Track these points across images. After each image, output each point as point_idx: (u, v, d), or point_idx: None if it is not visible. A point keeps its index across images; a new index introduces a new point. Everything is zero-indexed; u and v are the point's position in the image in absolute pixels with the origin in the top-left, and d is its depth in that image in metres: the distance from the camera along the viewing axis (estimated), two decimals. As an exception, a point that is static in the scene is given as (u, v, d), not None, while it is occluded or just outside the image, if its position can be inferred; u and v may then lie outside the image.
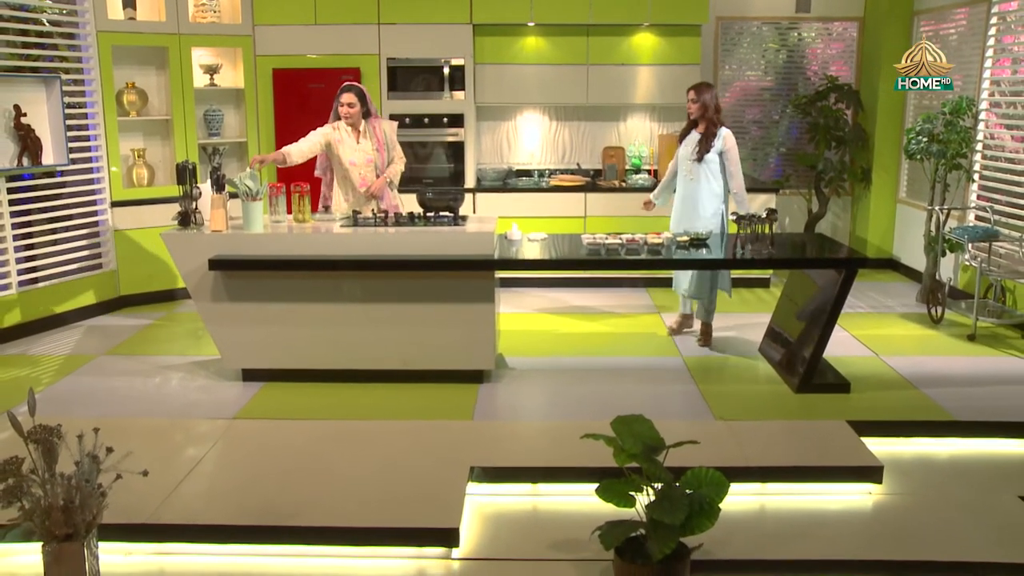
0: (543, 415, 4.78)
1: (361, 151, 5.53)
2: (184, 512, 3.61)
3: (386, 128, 5.66)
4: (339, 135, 5.51)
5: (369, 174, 5.56)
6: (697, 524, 3.18)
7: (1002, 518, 3.71)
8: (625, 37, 7.52)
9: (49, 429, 2.76)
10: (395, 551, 3.49)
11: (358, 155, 5.53)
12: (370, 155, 5.55)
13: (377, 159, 5.57)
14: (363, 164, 5.55)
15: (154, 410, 4.77)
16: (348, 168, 5.52)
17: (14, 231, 6.09)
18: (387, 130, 5.66)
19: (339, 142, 5.50)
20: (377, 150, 5.57)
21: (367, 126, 5.57)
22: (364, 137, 5.55)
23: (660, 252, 5.05)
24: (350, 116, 5.46)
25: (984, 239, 6.03)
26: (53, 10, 6.42)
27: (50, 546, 2.72)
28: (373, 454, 4.16)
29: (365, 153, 5.54)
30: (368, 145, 5.55)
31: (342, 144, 5.50)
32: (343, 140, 5.51)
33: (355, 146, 5.53)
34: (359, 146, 5.53)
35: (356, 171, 5.54)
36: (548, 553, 3.49)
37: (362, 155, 5.54)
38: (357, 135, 5.54)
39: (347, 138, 5.51)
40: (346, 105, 5.44)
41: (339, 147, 5.50)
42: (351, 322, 5.05)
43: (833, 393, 4.90)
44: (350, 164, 5.51)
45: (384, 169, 5.61)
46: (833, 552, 3.50)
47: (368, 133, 5.56)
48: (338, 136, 5.51)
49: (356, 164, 5.53)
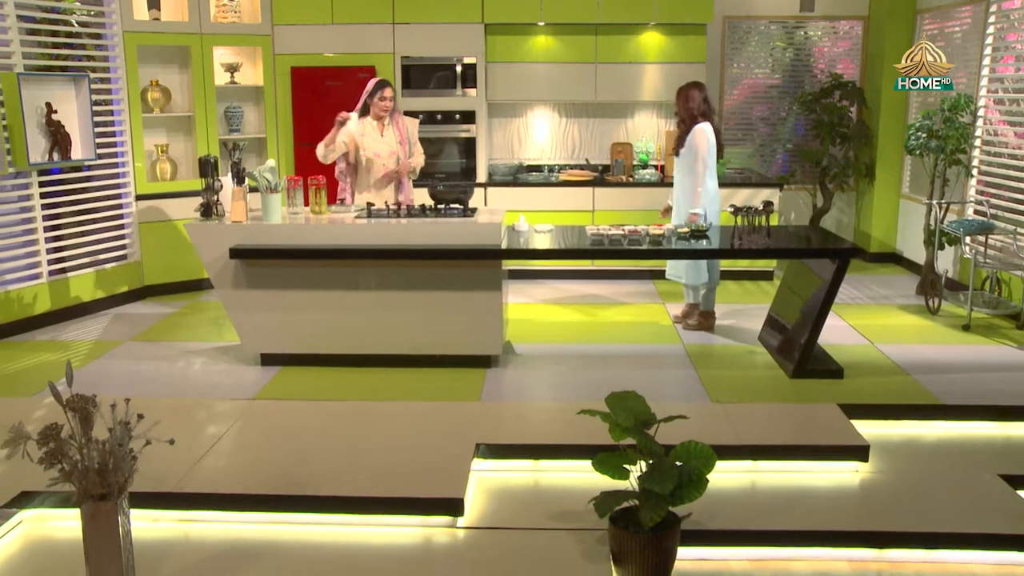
0: (547, 397, 5.00)
1: (385, 143, 5.78)
2: (207, 482, 3.86)
3: (408, 124, 5.91)
4: (362, 128, 5.74)
5: (391, 166, 5.81)
6: (686, 494, 3.38)
7: (980, 494, 3.90)
8: (632, 36, 7.73)
9: (86, 399, 3.00)
10: (403, 519, 3.71)
11: (382, 147, 5.77)
12: (393, 148, 5.79)
13: (400, 152, 5.81)
14: (387, 156, 5.78)
15: (178, 391, 5.02)
16: (372, 159, 5.75)
17: (44, 223, 6.37)
18: (409, 126, 5.91)
19: (362, 135, 5.74)
20: (400, 143, 5.81)
21: (391, 120, 5.81)
22: (388, 130, 5.79)
23: (661, 243, 5.26)
24: (387, 109, 5.71)
25: (980, 232, 6.20)
26: (82, 11, 6.70)
27: (87, 505, 2.96)
28: (384, 431, 4.39)
29: (389, 145, 5.78)
30: (392, 138, 5.79)
31: (365, 137, 5.74)
32: (366, 133, 5.75)
33: (379, 138, 5.77)
34: (383, 139, 5.78)
35: (379, 162, 5.78)
36: (547, 523, 3.71)
37: (386, 147, 5.78)
38: (381, 128, 5.77)
39: (371, 131, 5.75)
40: (389, 99, 5.70)
41: (362, 139, 5.74)
42: (365, 309, 5.29)
43: (827, 379, 5.09)
44: (374, 155, 5.75)
45: (406, 160, 5.86)
46: (819, 524, 3.70)
47: (392, 127, 5.80)
48: (362, 130, 5.74)
49: (380, 155, 5.77)
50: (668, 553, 3.42)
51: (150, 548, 3.47)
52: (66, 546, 3.53)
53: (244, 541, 3.59)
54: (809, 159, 8.34)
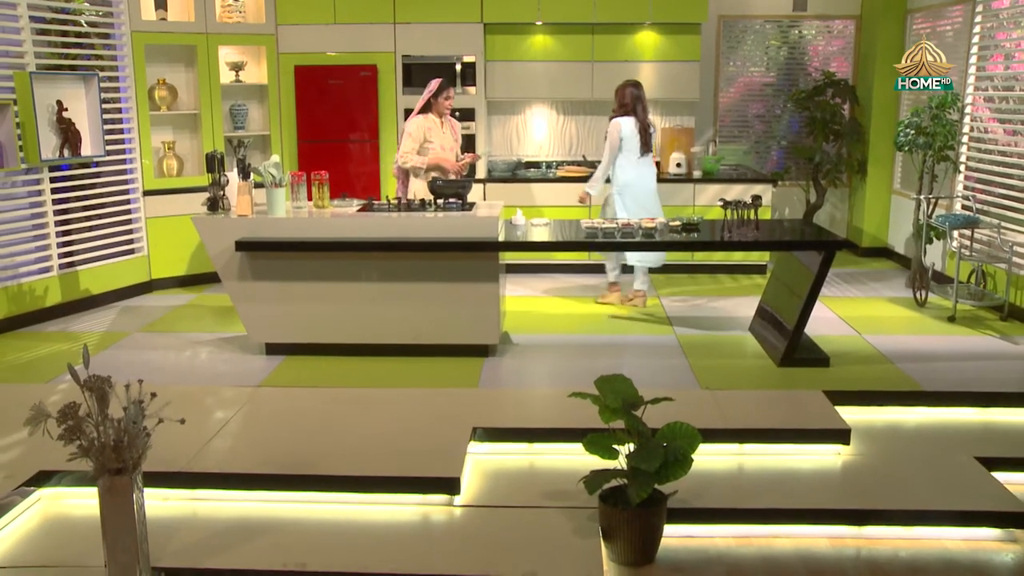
0: (541, 384, 5.17)
1: (447, 138, 6.21)
2: (214, 462, 4.03)
3: (455, 123, 6.37)
4: (429, 124, 6.13)
5: (451, 159, 6.21)
6: (672, 472, 3.55)
7: (955, 475, 4.07)
8: (628, 35, 7.90)
9: (102, 379, 3.17)
10: (402, 498, 3.88)
11: (446, 141, 6.19)
12: (451, 144, 6.24)
13: (456, 148, 6.28)
14: (449, 151, 6.20)
15: (185, 379, 5.19)
16: (440, 152, 6.13)
17: (54, 218, 6.53)
18: (457, 125, 6.39)
19: (430, 130, 6.13)
20: (456, 140, 6.28)
21: (445, 119, 6.23)
22: (445, 127, 6.22)
23: (653, 235, 5.42)
24: (449, 108, 6.18)
25: (965, 226, 6.36)
26: (91, 12, 6.88)
27: (104, 479, 3.13)
28: (384, 416, 4.57)
29: (449, 140, 6.22)
30: (450, 135, 6.24)
31: (433, 132, 6.14)
32: (433, 128, 6.14)
33: (441, 134, 6.18)
34: (444, 133, 6.21)
35: (444, 155, 6.17)
36: (541, 501, 3.88)
37: (448, 142, 6.21)
38: (442, 124, 6.18)
39: (436, 127, 6.15)
40: (452, 99, 6.17)
41: (430, 133, 6.12)
42: (366, 300, 5.46)
43: (813, 367, 5.25)
44: (441, 148, 6.12)
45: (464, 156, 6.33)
46: (801, 503, 3.87)
47: (447, 125, 6.24)
48: (429, 125, 6.13)
49: (445, 149, 6.16)
50: (654, 528, 3.60)
51: (161, 525, 3.63)
52: (82, 523, 3.71)
53: (250, 518, 3.76)
54: (802, 155, 8.50)
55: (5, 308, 6.13)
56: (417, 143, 6.10)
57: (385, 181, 7.97)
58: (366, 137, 7.90)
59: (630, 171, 6.49)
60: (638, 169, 6.51)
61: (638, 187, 6.53)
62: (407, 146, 6.10)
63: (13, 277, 6.22)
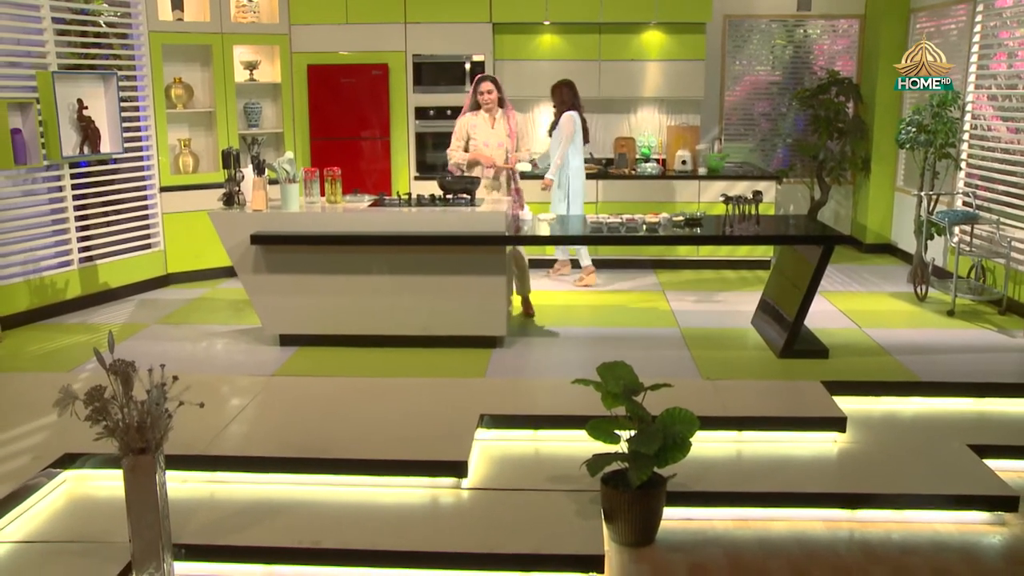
0: (547, 374, 5.30)
1: (494, 135, 6.14)
2: (232, 446, 4.20)
3: (518, 118, 6.28)
4: (475, 120, 6.15)
5: (499, 157, 6.16)
6: (671, 456, 3.70)
7: (947, 461, 4.20)
8: (634, 35, 8.03)
9: (126, 363, 3.33)
10: (412, 480, 4.03)
11: (492, 138, 6.13)
12: (502, 139, 6.14)
13: (508, 144, 6.16)
14: (495, 147, 6.14)
15: (202, 369, 5.35)
16: (481, 149, 6.12)
17: (74, 213, 6.71)
18: (519, 120, 6.28)
19: (474, 127, 6.15)
20: (508, 136, 6.16)
21: (502, 114, 6.17)
22: (499, 123, 6.15)
23: (657, 231, 5.56)
24: (490, 102, 6.08)
25: (964, 222, 6.47)
26: (109, 12, 7.05)
27: (128, 458, 3.29)
28: (395, 404, 4.72)
29: (498, 137, 6.14)
30: (501, 131, 6.14)
31: (476, 128, 6.14)
32: (478, 125, 6.15)
33: (489, 130, 6.14)
34: (493, 131, 6.14)
35: (487, 152, 6.14)
36: (545, 485, 4.02)
37: (495, 138, 6.14)
38: (492, 121, 6.15)
39: (482, 123, 6.14)
40: (486, 92, 6.07)
41: (474, 131, 6.13)
42: (377, 292, 5.61)
43: (813, 358, 5.38)
44: (483, 145, 6.12)
45: (513, 154, 6.20)
46: (797, 487, 4.01)
47: (503, 120, 6.16)
48: (474, 121, 6.15)
49: (488, 145, 6.13)
50: (654, 510, 3.74)
51: (181, 505, 3.80)
52: (105, 502, 3.88)
53: (266, 499, 3.92)
54: (807, 153, 8.61)
55: (27, 300, 6.32)
56: (460, 140, 6.18)
57: (396, 177, 8.13)
58: (377, 134, 8.06)
59: (579, 158, 7.20)
60: (581, 157, 7.23)
61: (580, 172, 7.25)
62: (452, 144, 6.20)
63: (35, 271, 6.40)
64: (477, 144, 6.16)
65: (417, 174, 8.15)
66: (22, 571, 3.41)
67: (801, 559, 3.63)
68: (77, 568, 3.39)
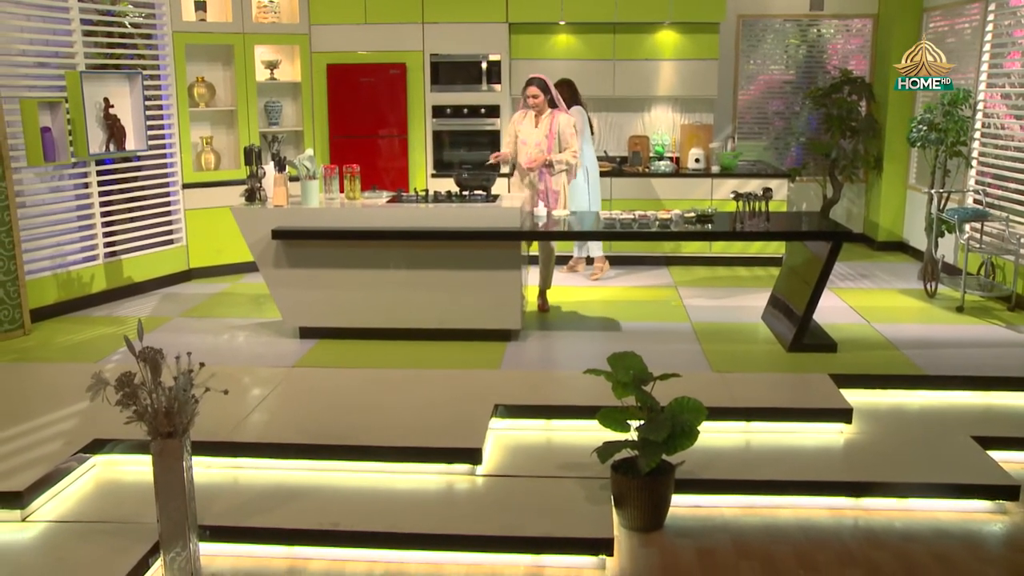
0: (560, 367, 5.43)
1: (534, 134, 6.33)
2: (254, 433, 4.34)
3: (562, 120, 6.35)
4: (521, 119, 6.41)
5: (536, 155, 6.32)
6: (679, 444, 3.80)
7: (951, 452, 4.29)
8: (648, 34, 8.14)
9: (155, 350, 3.48)
10: (428, 467, 4.16)
11: (531, 136, 6.33)
12: (539, 139, 6.31)
13: (545, 144, 6.30)
14: (532, 145, 6.32)
15: (225, 360, 5.49)
16: (521, 146, 6.36)
17: (99, 209, 6.89)
18: (562, 122, 6.35)
19: (519, 124, 6.40)
20: (547, 136, 6.30)
21: (548, 115, 6.33)
22: (543, 122, 6.33)
23: (669, 226, 5.67)
24: (536, 105, 6.28)
25: (974, 219, 6.54)
26: (134, 14, 7.23)
27: (156, 442, 3.44)
28: (412, 393, 4.85)
29: (536, 136, 6.32)
30: (542, 131, 6.31)
31: (521, 125, 6.39)
32: (523, 122, 6.39)
33: (532, 129, 6.35)
34: (536, 129, 6.33)
35: (525, 150, 6.36)
36: (557, 472, 4.14)
37: (534, 137, 6.32)
38: (537, 120, 6.34)
39: (527, 122, 6.37)
40: (530, 96, 6.26)
41: (518, 127, 6.40)
42: (395, 286, 5.75)
43: (821, 352, 5.47)
44: (521, 143, 6.36)
45: (550, 154, 6.29)
46: (803, 475, 4.11)
47: (548, 120, 6.32)
48: (520, 120, 6.41)
49: (527, 143, 6.34)
50: (663, 496, 3.86)
51: (206, 489, 3.93)
52: (133, 486, 4.04)
53: (287, 484, 4.06)
54: (820, 151, 8.68)
55: (55, 294, 6.50)
56: (509, 136, 6.45)
57: (413, 174, 8.27)
58: (395, 133, 8.20)
59: (591, 149, 7.45)
60: (592, 149, 7.46)
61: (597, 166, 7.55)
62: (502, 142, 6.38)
63: (62, 265, 6.58)
64: (519, 140, 6.39)
65: (434, 171, 8.28)
66: (56, 548, 3.57)
67: (806, 545, 3.73)
68: (108, 546, 3.54)
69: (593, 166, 7.47)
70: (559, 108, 6.40)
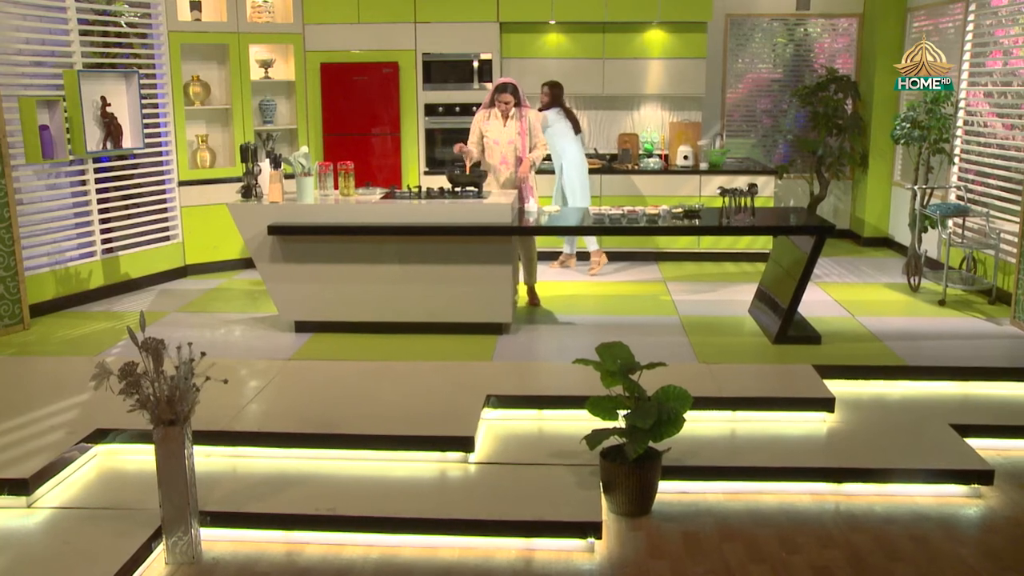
0: (551, 358, 5.54)
1: (505, 132, 6.40)
2: (252, 423, 4.45)
3: (531, 117, 6.47)
4: (487, 119, 6.44)
5: (509, 154, 6.41)
6: (665, 431, 3.92)
7: (929, 439, 4.42)
8: (637, 33, 8.27)
9: (157, 340, 3.58)
10: (422, 455, 4.27)
11: (502, 135, 6.40)
12: (512, 137, 6.40)
13: (518, 142, 6.41)
14: (505, 143, 6.41)
15: (222, 353, 5.57)
16: (492, 147, 6.41)
17: (97, 206, 6.98)
18: (532, 119, 6.47)
19: (484, 123, 6.44)
20: (519, 134, 6.40)
21: (516, 113, 6.42)
22: (511, 122, 6.41)
23: (656, 221, 5.79)
24: (504, 111, 6.37)
25: (955, 215, 6.68)
26: (130, 14, 7.32)
27: (159, 429, 3.55)
28: (405, 385, 4.97)
29: (508, 135, 6.40)
30: (512, 129, 6.40)
31: (488, 126, 6.43)
32: (490, 123, 6.43)
33: (501, 128, 6.41)
34: (505, 128, 6.40)
35: (498, 150, 6.42)
36: (547, 459, 4.26)
37: (505, 136, 6.40)
38: (505, 120, 6.41)
39: (495, 121, 6.42)
40: (503, 103, 6.35)
41: (485, 128, 6.43)
42: (389, 281, 5.86)
43: (806, 344, 5.60)
44: (493, 143, 6.41)
45: (524, 152, 6.41)
46: (786, 462, 4.24)
47: (515, 120, 6.41)
48: (486, 120, 6.44)
49: (499, 143, 6.41)
50: (649, 482, 3.98)
51: (206, 476, 4.03)
52: (135, 474, 4.14)
53: (284, 472, 4.17)
54: (806, 149, 8.82)
55: (53, 290, 6.59)
56: (474, 135, 6.49)
57: (406, 171, 8.38)
58: (388, 130, 8.31)
59: (575, 149, 7.56)
60: (576, 148, 7.58)
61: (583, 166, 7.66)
62: (468, 140, 6.49)
63: (60, 261, 6.67)
64: (488, 142, 6.41)
65: (426, 168, 8.40)
66: (62, 533, 3.67)
67: (788, 528, 3.86)
68: (111, 531, 3.64)
69: (582, 163, 7.56)
70: (524, 105, 6.47)
